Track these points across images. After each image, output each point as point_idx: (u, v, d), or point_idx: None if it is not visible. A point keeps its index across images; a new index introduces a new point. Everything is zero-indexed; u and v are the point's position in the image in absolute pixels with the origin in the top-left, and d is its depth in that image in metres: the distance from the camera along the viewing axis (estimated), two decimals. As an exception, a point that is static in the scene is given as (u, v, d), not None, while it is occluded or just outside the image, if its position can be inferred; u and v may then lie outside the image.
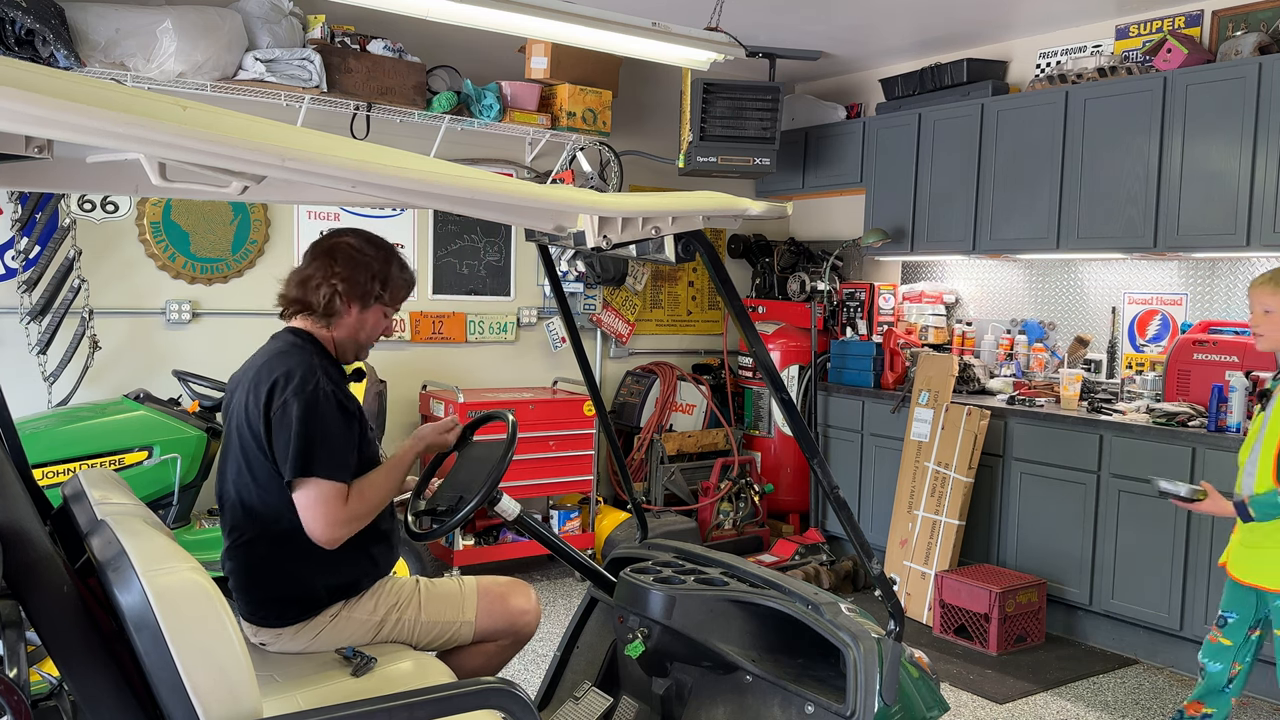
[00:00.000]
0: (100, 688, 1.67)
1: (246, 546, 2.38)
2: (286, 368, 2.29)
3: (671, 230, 1.98)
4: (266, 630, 2.39)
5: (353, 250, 2.40)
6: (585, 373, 2.80)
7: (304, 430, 2.21)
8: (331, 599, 2.41)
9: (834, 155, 6.09)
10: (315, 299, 2.39)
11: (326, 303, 2.39)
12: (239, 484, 2.36)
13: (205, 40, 4.32)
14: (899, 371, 5.56)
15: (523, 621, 2.64)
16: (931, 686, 2.35)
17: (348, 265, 2.39)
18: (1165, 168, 4.46)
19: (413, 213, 5.52)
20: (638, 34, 3.89)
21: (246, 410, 2.31)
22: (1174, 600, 4.26)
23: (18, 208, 4.37)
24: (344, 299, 2.40)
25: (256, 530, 2.35)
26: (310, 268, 2.41)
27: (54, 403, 4.46)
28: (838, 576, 5.24)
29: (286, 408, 2.23)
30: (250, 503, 2.34)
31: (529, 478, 5.15)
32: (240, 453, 2.34)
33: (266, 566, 2.37)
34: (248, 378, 2.37)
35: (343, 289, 2.38)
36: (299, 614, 2.38)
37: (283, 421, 2.23)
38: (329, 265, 2.38)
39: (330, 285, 2.38)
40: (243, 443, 2.33)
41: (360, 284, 2.40)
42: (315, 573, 2.37)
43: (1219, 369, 4.23)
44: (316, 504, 2.22)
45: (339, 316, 2.42)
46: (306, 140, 1.40)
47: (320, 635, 2.40)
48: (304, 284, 2.40)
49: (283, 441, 2.22)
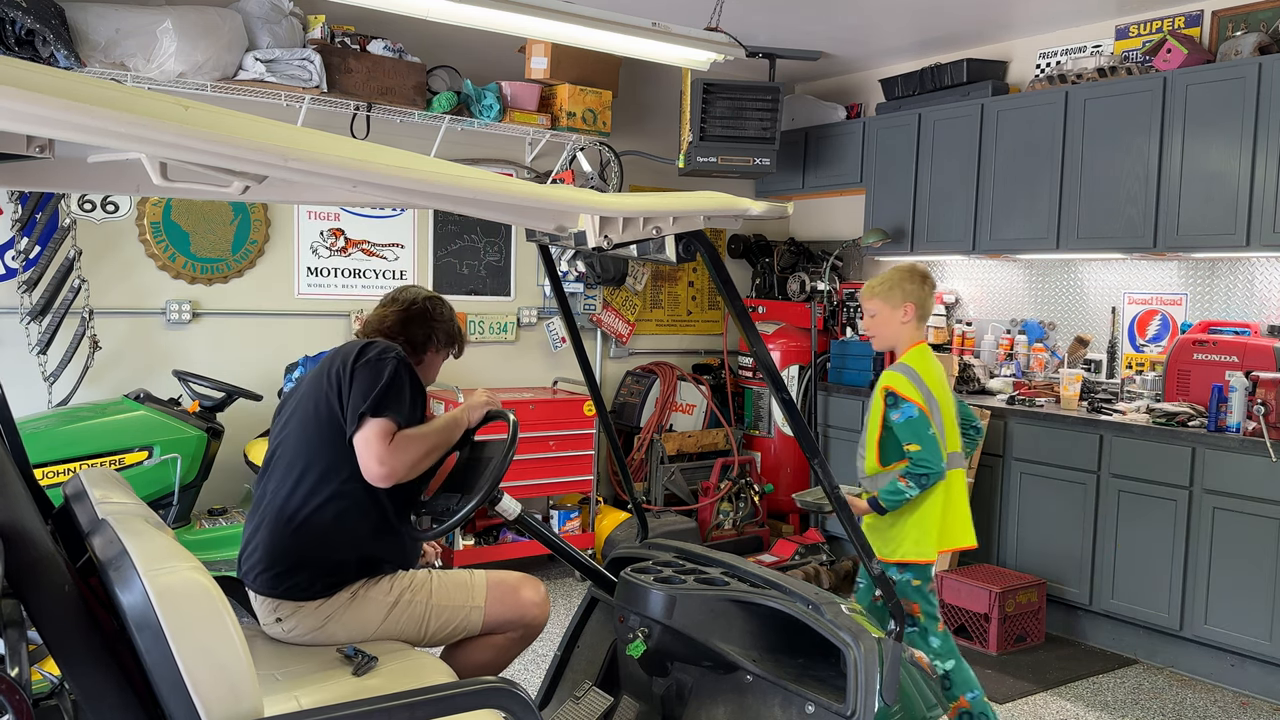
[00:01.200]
0: (101, 687, 1.68)
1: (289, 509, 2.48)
2: (374, 341, 2.61)
3: (672, 230, 1.98)
4: (288, 603, 2.45)
5: (443, 308, 2.86)
6: (585, 373, 2.81)
7: (385, 380, 2.45)
8: (358, 572, 2.50)
9: (834, 155, 6.09)
10: (415, 335, 2.76)
11: (423, 341, 2.78)
12: (299, 447, 2.53)
13: (205, 40, 4.32)
14: (899, 371, 5.56)
15: (532, 614, 2.67)
16: (932, 687, 2.36)
17: (442, 318, 2.83)
18: (1165, 168, 4.46)
19: (413, 213, 5.52)
20: (638, 34, 3.89)
21: (329, 373, 2.53)
22: (1174, 600, 4.26)
23: (18, 208, 4.37)
24: (434, 341, 2.81)
25: (308, 493, 2.47)
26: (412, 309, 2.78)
27: (54, 403, 4.46)
28: (838, 576, 5.24)
29: (372, 364, 2.49)
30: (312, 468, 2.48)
31: (529, 478, 5.15)
32: (309, 414, 2.54)
33: (311, 535, 2.46)
34: (329, 356, 2.61)
35: (438, 334, 2.81)
36: (325, 588, 2.46)
37: (367, 372, 2.47)
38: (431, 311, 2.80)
39: (430, 328, 2.79)
40: (317, 402, 2.53)
41: (448, 333, 2.85)
42: (347, 543, 2.48)
43: (1219, 369, 4.23)
44: (378, 440, 2.38)
45: (425, 354, 2.80)
46: (308, 140, 1.40)
47: (337, 613, 2.47)
48: (407, 323, 2.76)
49: (362, 389, 2.44)
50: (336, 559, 2.49)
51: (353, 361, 2.51)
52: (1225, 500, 4.08)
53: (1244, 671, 4.12)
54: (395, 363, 2.50)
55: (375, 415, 2.40)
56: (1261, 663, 4.05)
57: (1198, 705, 3.99)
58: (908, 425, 3.08)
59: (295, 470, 2.51)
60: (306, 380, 2.64)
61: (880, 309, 3.24)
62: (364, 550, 2.52)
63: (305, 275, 5.24)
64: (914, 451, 3.07)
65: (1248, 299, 4.58)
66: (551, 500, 5.61)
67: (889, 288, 3.23)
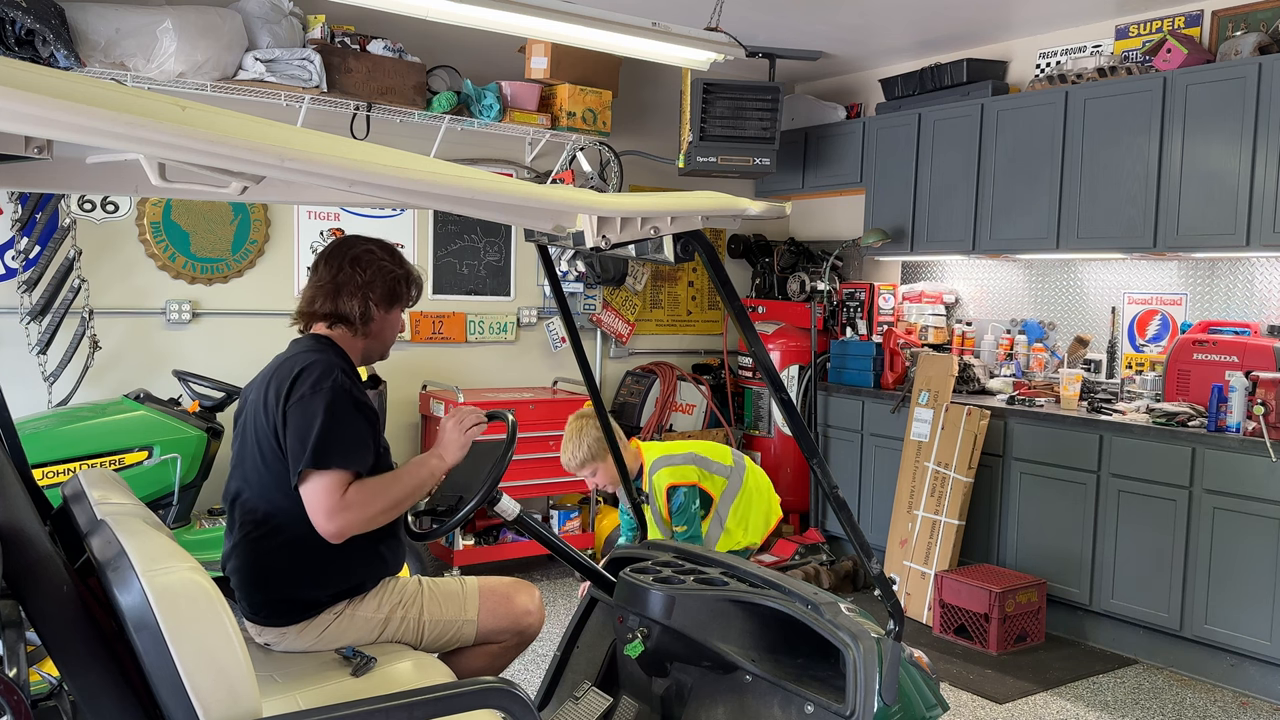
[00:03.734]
0: (100, 687, 1.68)
1: (253, 544, 2.37)
2: (306, 364, 2.32)
3: (671, 230, 1.98)
4: (271, 630, 2.39)
5: (374, 257, 2.46)
6: (585, 373, 2.80)
7: (320, 424, 2.22)
8: (336, 598, 2.41)
9: (834, 155, 6.09)
10: (350, 309, 2.44)
11: (361, 311, 2.45)
12: (249, 480, 2.37)
13: (205, 40, 4.32)
14: (899, 371, 5.56)
15: (526, 622, 2.64)
16: (932, 686, 2.35)
17: (375, 273, 2.45)
18: (1165, 168, 4.46)
19: (413, 213, 5.52)
20: (638, 34, 3.89)
21: (265, 404, 2.32)
22: (1174, 600, 4.26)
23: (18, 208, 4.37)
24: (376, 305, 2.47)
25: (265, 528, 2.35)
26: (338, 278, 2.44)
27: (54, 403, 4.46)
28: (838, 576, 5.24)
29: (304, 401, 2.25)
30: (259, 500, 2.35)
31: (529, 478, 5.14)
32: (255, 448, 2.35)
33: (272, 565, 2.36)
34: (266, 376, 2.39)
35: (375, 296, 2.46)
36: (303, 613, 2.38)
37: (299, 415, 2.25)
38: (358, 274, 2.44)
39: (364, 294, 2.44)
40: (258, 438, 2.34)
41: (389, 288, 2.48)
42: (322, 573, 2.36)
43: (1219, 369, 4.23)
44: (325, 494, 2.20)
45: (372, 323, 2.49)
46: (306, 140, 1.40)
47: (325, 634, 2.40)
48: (336, 295, 2.43)
49: (298, 435, 2.23)
50: (308, 589, 2.37)
51: (284, 401, 2.27)
52: (1225, 500, 4.07)
53: (1244, 671, 4.12)
54: (329, 396, 2.25)
55: (317, 467, 2.20)
56: (1261, 663, 4.05)
57: (1198, 705, 3.99)
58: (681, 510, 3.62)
59: (247, 508, 2.37)
60: (250, 401, 2.41)
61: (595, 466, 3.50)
62: (337, 576, 2.39)
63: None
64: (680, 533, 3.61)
65: (1248, 299, 4.58)
66: (551, 500, 5.60)
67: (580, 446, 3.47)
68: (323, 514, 2.21)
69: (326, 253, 2.49)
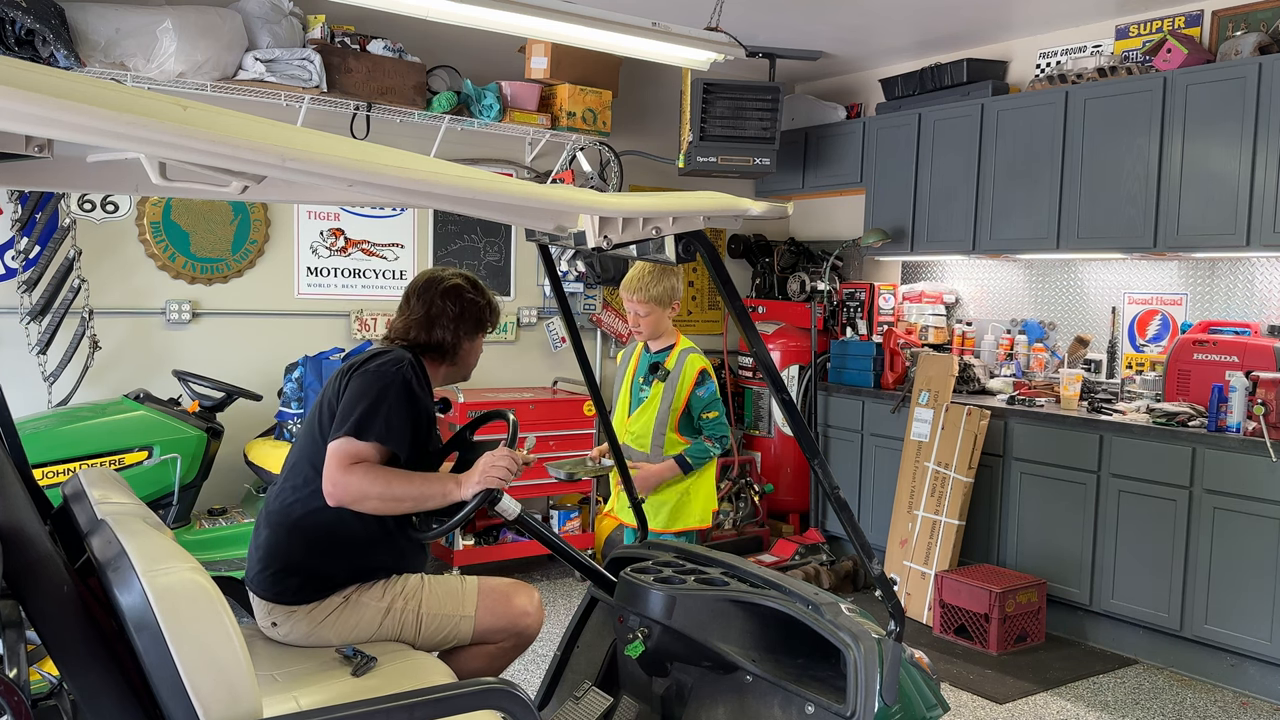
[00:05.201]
0: (100, 687, 1.67)
1: (288, 509, 2.48)
2: (382, 351, 2.55)
3: (672, 230, 1.98)
4: (280, 608, 2.44)
5: (462, 291, 2.67)
6: (585, 373, 2.80)
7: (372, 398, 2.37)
8: (348, 580, 2.49)
9: (834, 155, 6.09)
10: (443, 338, 2.64)
11: (454, 342, 2.65)
12: (304, 448, 2.52)
13: (205, 40, 4.32)
14: (899, 371, 5.56)
15: (524, 623, 2.64)
16: (932, 686, 2.35)
17: (465, 307, 2.66)
18: (1165, 168, 4.46)
19: (413, 212, 5.52)
20: (638, 34, 3.88)
21: (338, 378, 2.51)
22: (1174, 600, 4.26)
23: (18, 208, 4.37)
24: (465, 336, 2.68)
25: (303, 492, 2.46)
26: (431, 311, 2.63)
27: (54, 403, 4.46)
28: (838, 576, 5.24)
29: (365, 375, 2.43)
30: (306, 466, 2.48)
31: (529, 478, 5.14)
32: (315, 418, 2.52)
33: (301, 531, 2.46)
34: (349, 358, 2.59)
35: (465, 328, 2.66)
36: (314, 591, 2.45)
37: (357, 385, 2.41)
38: (449, 307, 2.64)
39: (454, 326, 2.64)
40: (320, 409, 2.51)
41: (476, 319, 2.69)
42: (343, 550, 2.47)
43: (1219, 369, 4.23)
44: (343, 456, 2.32)
45: (460, 351, 2.69)
46: (306, 140, 1.40)
47: (330, 617, 2.46)
48: (430, 326, 2.62)
49: (350, 399, 2.39)
50: (328, 563, 2.47)
51: (350, 371, 2.47)
52: (1225, 500, 4.07)
53: (1244, 671, 4.12)
54: (393, 379, 2.41)
55: (349, 434, 2.34)
56: (1261, 663, 4.05)
57: (1198, 705, 3.99)
58: (713, 398, 3.51)
59: (297, 475, 2.51)
60: (327, 382, 2.63)
61: (652, 309, 3.49)
62: (357, 556, 2.50)
63: (305, 275, 5.24)
64: (715, 418, 3.50)
65: (1248, 299, 4.58)
66: (551, 500, 5.60)
67: (661, 287, 3.46)
68: (331, 476, 2.32)
69: (419, 287, 2.67)
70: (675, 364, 3.53)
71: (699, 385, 3.51)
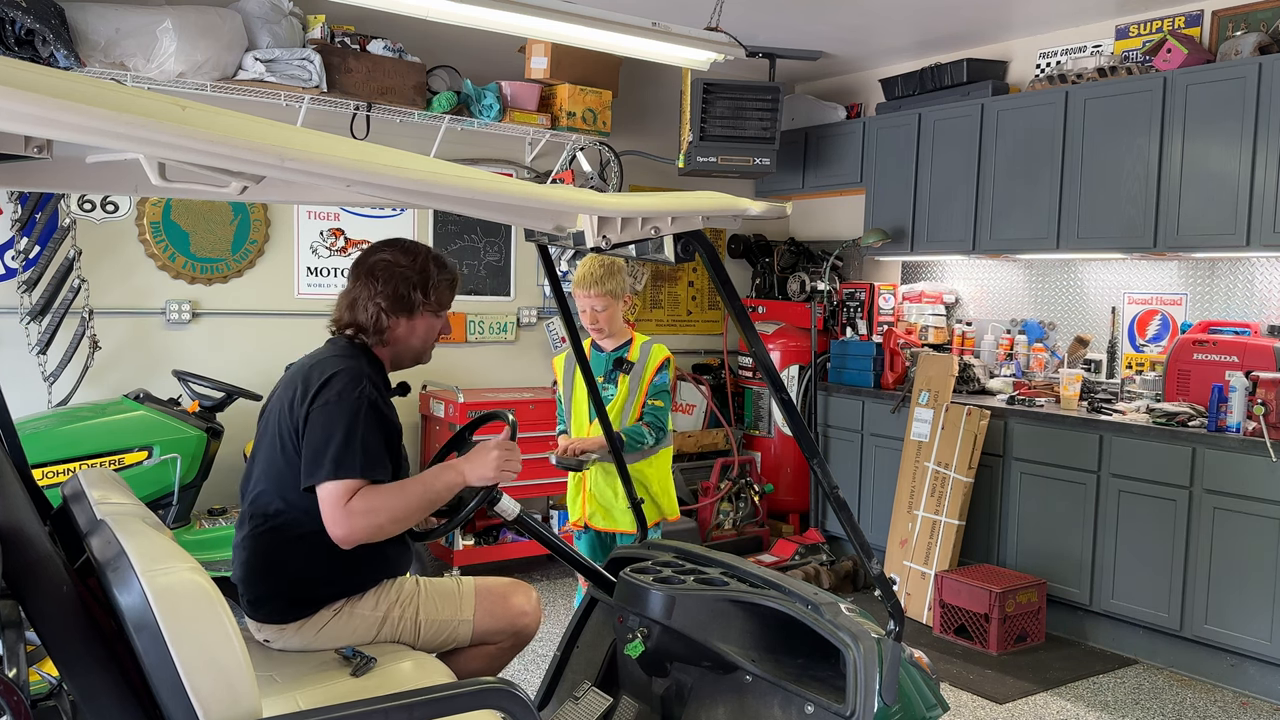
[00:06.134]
0: (100, 688, 1.67)
1: (262, 537, 2.40)
2: (336, 370, 2.35)
3: (671, 230, 1.98)
4: (270, 627, 2.40)
5: (389, 265, 2.47)
6: (585, 372, 2.81)
7: (341, 433, 2.25)
8: (337, 596, 2.42)
9: (834, 155, 6.09)
10: (365, 319, 2.46)
11: (374, 322, 2.46)
12: (266, 474, 2.40)
13: (205, 40, 4.32)
14: (899, 371, 5.56)
15: (522, 623, 2.64)
16: (932, 686, 2.35)
17: (387, 282, 2.46)
18: (1165, 168, 4.46)
19: (413, 213, 5.52)
20: (638, 34, 3.88)
21: (291, 403, 2.35)
22: (1174, 600, 4.26)
23: (18, 208, 4.37)
24: (389, 315, 2.47)
25: (276, 521, 2.38)
26: (355, 289, 2.49)
27: (54, 403, 4.46)
28: (838, 576, 5.24)
29: (328, 407, 2.28)
30: (274, 495, 2.38)
31: (529, 478, 5.14)
32: (275, 443, 2.38)
33: (279, 559, 2.39)
34: (296, 374, 2.42)
35: (386, 305, 2.46)
36: (303, 609, 2.39)
37: (322, 419, 2.27)
38: (371, 285, 2.46)
39: (375, 304, 2.45)
40: (280, 433, 2.37)
41: (401, 297, 2.47)
42: (327, 570, 2.38)
43: (1219, 369, 4.23)
44: (339, 501, 2.22)
45: (389, 332, 2.49)
46: (306, 140, 1.40)
47: (323, 631, 2.41)
48: (353, 306, 2.48)
49: (317, 440, 2.25)
50: (310, 585, 2.40)
51: (309, 402, 2.30)
52: (1225, 500, 4.07)
53: (1244, 671, 4.12)
54: (354, 405, 2.27)
55: (332, 476, 2.22)
56: (1261, 663, 4.05)
57: (1198, 705, 3.99)
58: (665, 387, 3.52)
59: (269, 503, 2.40)
60: (277, 395, 2.46)
61: (609, 303, 3.46)
62: (339, 573, 2.41)
63: (305, 275, 5.24)
64: (659, 407, 3.49)
65: (1248, 299, 4.58)
66: (551, 500, 5.60)
67: (615, 281, 3.44)
68: (335, 520, 2.22)
69: (354, 262, 2.53)
70: (640, 354, 3.54)
71: (659, 372, 3.53)
